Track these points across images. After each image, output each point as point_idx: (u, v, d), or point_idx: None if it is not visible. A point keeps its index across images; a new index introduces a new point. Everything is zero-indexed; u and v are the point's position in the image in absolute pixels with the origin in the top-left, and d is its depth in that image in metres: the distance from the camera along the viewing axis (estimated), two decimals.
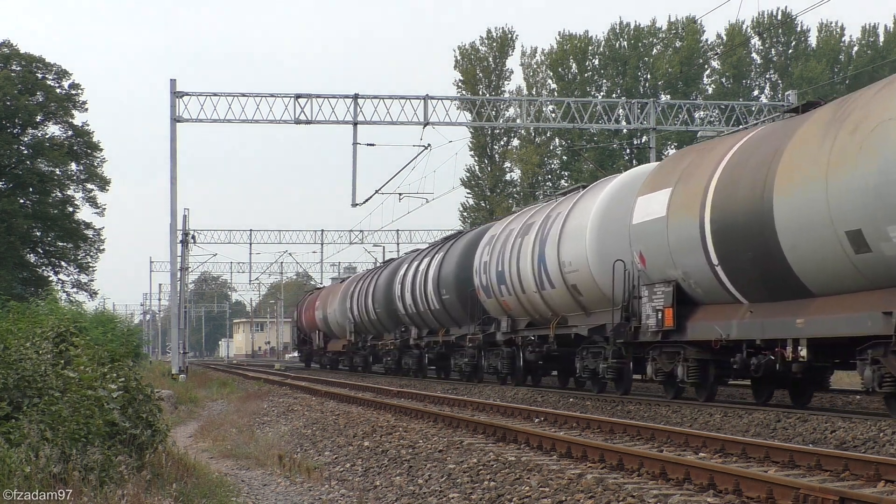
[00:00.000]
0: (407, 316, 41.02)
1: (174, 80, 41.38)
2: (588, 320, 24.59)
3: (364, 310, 49.09)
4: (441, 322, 37.06)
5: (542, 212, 27.94)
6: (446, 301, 35.40)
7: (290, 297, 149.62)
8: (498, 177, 79.74)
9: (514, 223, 29.96)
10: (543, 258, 26.00)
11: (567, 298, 25.23)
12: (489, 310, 31.22)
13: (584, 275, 24.00)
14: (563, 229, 25.04)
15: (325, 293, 62.94)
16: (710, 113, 46.11)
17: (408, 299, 40.20)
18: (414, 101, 41.66)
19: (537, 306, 27.30)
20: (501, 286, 29.25)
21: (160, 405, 12.52)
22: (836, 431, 14.81)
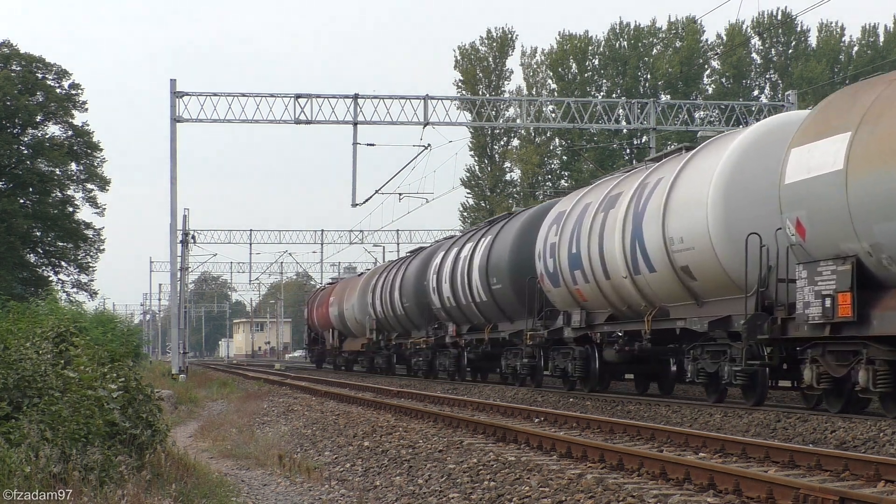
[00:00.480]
0: (443, 311, 36.14)
1: (174, 80, 41.41)
2: (701, 311, 19.86)
3: (388, 304, 44.41)
4: (488, 317, 32.16)
5: (630, 180, 23.25)
6: (497, 292, 30.42)
7: (289, 297, 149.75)
8: (498, 177, 79.76)
9: (589, 196, 25.19)
10: (640, 236, 21.27)
11: (672, 284, 20.49)
12: (555, 301, 26.49)
13: (702, 253, 19.19)
14: (670, 198, 20.26)
15: (341, 287, 57.96)
16: (710, 113, 46.12)
17: (445, 291, 35.23)
18: (414, 101, 41.69)
19: (626, 295, 22.55)
20: (575, 272, 24.55)
21: (160, 405, 12.53)
22: (836, 431, 14.81)
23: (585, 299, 24.65)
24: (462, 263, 33.53)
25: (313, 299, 68.62)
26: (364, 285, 50.75)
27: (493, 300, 30.86)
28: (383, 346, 47.11)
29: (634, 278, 21.84)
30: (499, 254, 30.42)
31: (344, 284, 58.41)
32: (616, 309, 23.51)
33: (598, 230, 23.40)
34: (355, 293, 52.03)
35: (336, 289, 59.49)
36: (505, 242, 30.23)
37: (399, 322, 43.56)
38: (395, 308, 43.28)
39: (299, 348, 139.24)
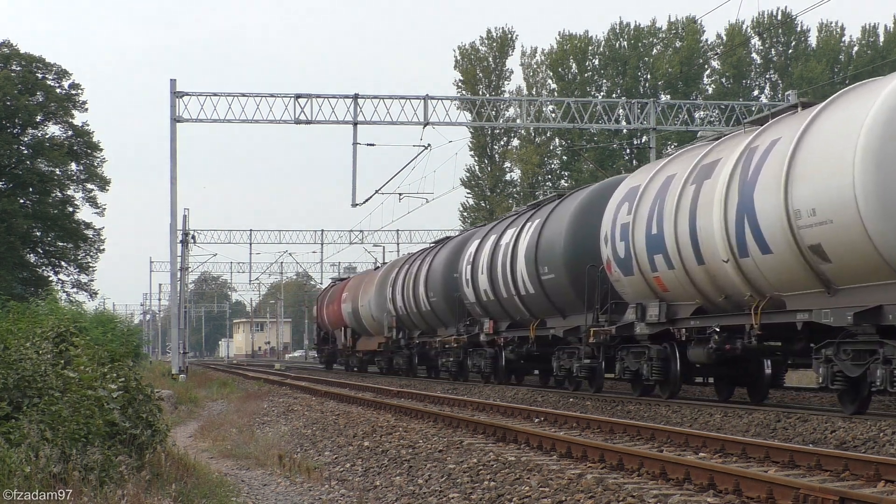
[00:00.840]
0: (478, 305, 31.99)
1: (174, 80, 41.42)
2: (835, 301, 16.40)
3: (411, 299, 40.23)
4: (534, 312, 27.97)
5: (728, 145, 19.65)
6: (548, 283, 26.37)
7: (289, 297, 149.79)
8: (498, 177, 79.79)
9: (672, 167, 21.33)
10: (749, 210, 17.70)
11: (795, 267, 16.88)
12: (624, 292, 22.72)
13: (844, 228, 15.62)
14: (794, 162, 16.63)
15: (355, 283, 53.77)
16: (710, 113, 46.12)
17: (481, 284, 31.15)
18: (414, 101, 41.70)
19: (725, 283, 18.89)
20: (655, 257, 20.83)
21: (160, 405, 12.53)
22: (836, 431, 14.81)
23: (666, 289, 20.77)
24: (503, 252, 29.26)
25: (323, 296, 64.00)
26: (382, 279, 46.65)
27: (543, 292, 26.73)
28: (404, 346, 43.27)
29: (739, 262, 18.11)
30: (551, 239, 26.36)
31: (359, 279, 54.05)
32: (707, 300, 19.77)
33: (689, 206, 19.53)
34: (372, 288, 47.94)
35: (349, 284, 55.30)
36: (558, 226, 26.15)
37: (423, 319, 39.54)
38: (419, 303, 39.29)
39: (299, 348, 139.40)
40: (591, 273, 23.97)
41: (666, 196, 20.45)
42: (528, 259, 27.30)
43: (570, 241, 25.38)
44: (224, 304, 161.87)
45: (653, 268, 21.00)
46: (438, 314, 37.56)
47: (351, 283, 55.31)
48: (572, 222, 25.50)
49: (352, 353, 54.72)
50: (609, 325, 23.22)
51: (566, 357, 26.24)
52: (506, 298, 29.30)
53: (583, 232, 25.00)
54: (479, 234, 33.45)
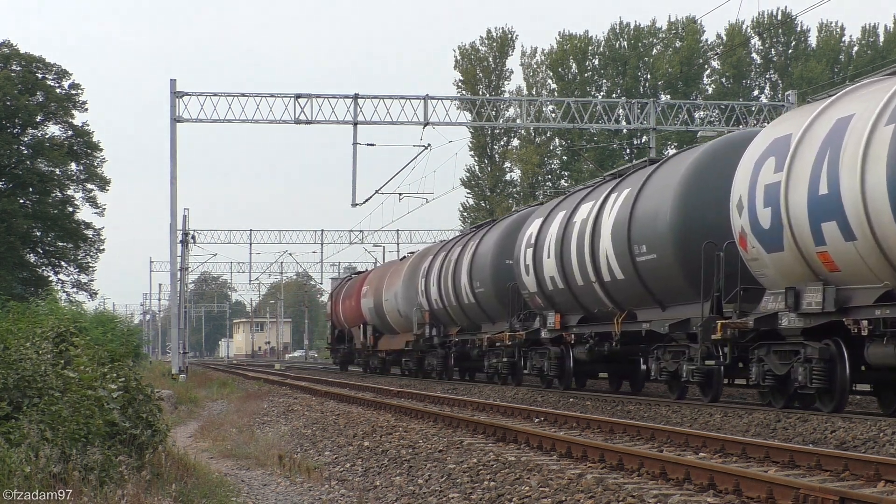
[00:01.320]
0: (541, 296, 26.93)
1: (174, 80, 41.41)
2: None
3: (451, 291, 35.19)
4: (621, 302, 22.99)
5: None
6: (646, 266, 21.31)
7: (289, 297, 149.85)
8: (498, 177, 79.81)
9: (847, 105, 16.47)
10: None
11: None
12: (763, 273, 17.91)
13: None
14: None
15: (377, 275, 48.85)
16: (710, 113, 46.12)
17: (546, 270, 26.21)
18: (414, 101, 41.69)
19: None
20: (824, 225, 16.05)
21: (160, 405, 12.52)
22: (836, 431, 14.81)
23: (836, 268, 16.19)
24: (578, 230, 24.38)
25: (339, 291, 58.62)
26: (412, 270, 41.96)
27: (637, 277, 21.70)
28: (437, 344, 38.45)
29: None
30: (651, 211, 21.18)
31: (382, 271, 49.41)
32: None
33: (887, 151, 14.85)
34: (399, 280, 43.12)
35: (370, 277, 50.44)
36: (662, 194, 21.01)
37: (464, 313, 34.66)
38: (460, 295, 34.37)
39: (299, 348, 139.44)
40: (708, 251, 18.99)
41: (843, 143, 15.77)
42: (617, 237, 22.29)
43: (679, 212, 20.25)
44: (224, 304, 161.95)
45: (818, 240, 16.31)
46: (485, 307, 32.61)
47: (372, 275, 50.50)
48: (683, 188, 20.32)
49: (372, 353, 49.92)
50: (741, 317, 18.35)
51: (669, 357, 21.11)
52: (580, 287, 24.38)
53: (697, 200, 20.15)
54: (541, 212, 28.20)
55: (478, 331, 33.92)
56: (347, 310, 54.23)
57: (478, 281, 32.52)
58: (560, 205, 26.97)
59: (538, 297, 27.22)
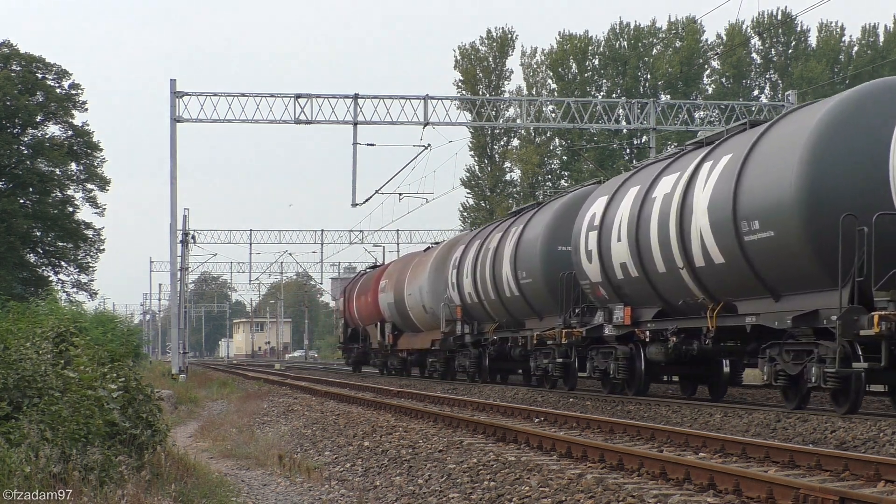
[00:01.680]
0: (606, 286, 23.42)
1: (174, 80, 41.42)
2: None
3: (489, 283, 30.91)
4: (716, 292, 19.45)
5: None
6: (754, 245, 17.62)
7: (289, 297, 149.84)
8: (498, 177, 79.82)
9: None
10: None
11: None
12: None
13: None
14: None
15: (398, 268, 44.55)
16: (710, 113, 46.12)
17: (615, 255, 22.73)
18: (414, 101, 41.69)
19: None
20: None
21: (160, 405, 12.53)
22: (836, 431, 14.81)
23: None
24: (660, 206, 20.86)
25: (352, 287, 54.55)
26: (440, 261, 38.05)
27: (745, 260, 17.97)
28: (470, 343, 34.17)
29: None
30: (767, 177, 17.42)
31: (402, 264, 44.90)
32: None
33: None
34: (424, 273, 39.08)
35: (389, 270, 46.11)
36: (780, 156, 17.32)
37: (505, 308, 30.30)
38: (501, 287, 29.98)
39: (299, 348, 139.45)
40: (847, 225, 15.67)
41: None
42: (717, 213, 18.59)
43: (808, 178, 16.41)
44: (224, 304, 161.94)
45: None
46: (531, 300, 28.27)
47: (391, 268, 46.11)
48: (812, 149, 16.48)
49: (391, 353, 45.74)
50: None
51: (789, 358, 17.45)
52: (662, 274, 20.90)
53: (832, 163, 16.36)
54: (605, 189, 24.71)
55: (520, 328, 29.74)
56: (363, 306, 50.20)
57: (523, 271, 28.31)
58: (630, 179, 23.46)
59: (603, 287, 23.60)
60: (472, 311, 33.51)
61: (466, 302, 33.60)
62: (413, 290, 40.53)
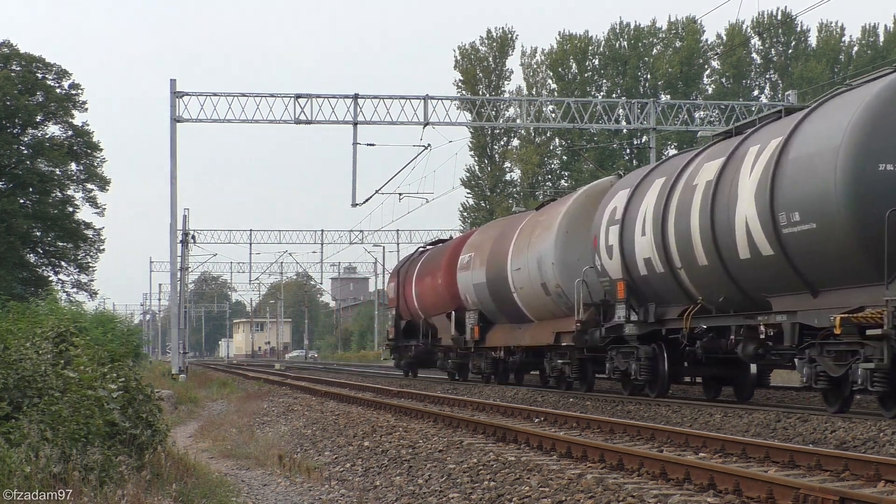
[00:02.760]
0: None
1: (174, 80, 41.41)
2: None
3: (697, 239, 19.25)
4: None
5: None
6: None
7: (290, 297, 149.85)
8: (498, 177, 79.82)
9: None
10: None
11: None
12: None
13: None
14: None
15: (492, 235, 32.47)
16: (710, 113, 46.11)
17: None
18: (414, 101, 41.69)
19: None
20: None
21: (160, 405, 12.53)
22: (836, 431, 14.80)
23: None
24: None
25: (409, 268, 42.13)
26: (577, 217, 26.08)
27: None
28: (637, 335, 22.35)
29: None
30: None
31: (499, 228, 32.67)
32: None
33: None
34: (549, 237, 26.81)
35: (475, 240, 34.19)
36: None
37: (733, 277, 18.57)
38: (728, 244, 18.25)
39: (299, 348, 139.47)
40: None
41: None
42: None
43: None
44: (224, 304, 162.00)
45: None
46: (808, 260, 16.57)
47: (479, 237, 34.36)
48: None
49: (475, 352, 33.75)
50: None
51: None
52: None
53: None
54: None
55: (757, 309, 18.35)
56: (427, 292, 38.61)
57: (795, 211, 16.50)
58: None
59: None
60: (648, 286, 21.82)
61: (637, 274, 22.01)
62: (525, 262, 28.12)
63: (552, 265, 26.41)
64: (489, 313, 32.43)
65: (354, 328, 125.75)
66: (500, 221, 35.95)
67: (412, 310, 41.14)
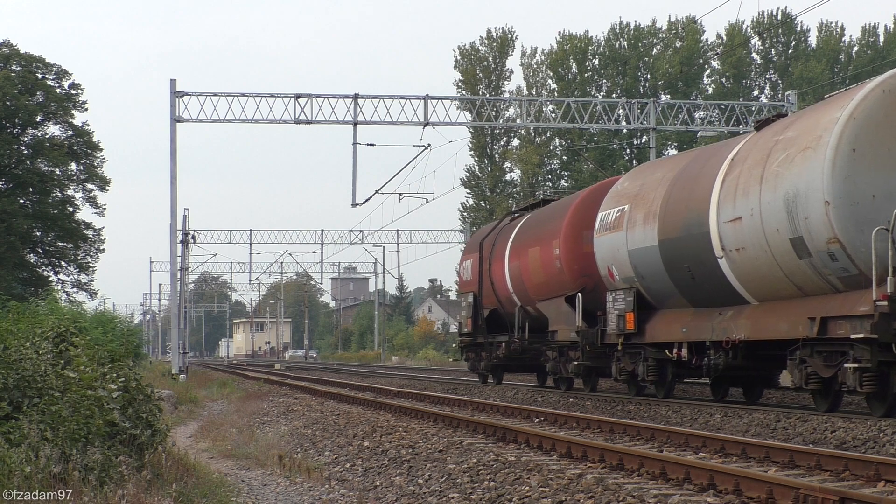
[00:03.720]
0: None
1: (174, 80, 41.40)
2: None
3: None
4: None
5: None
6: None
7: (290, 297, 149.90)
8: (498, 177, 79.82)
9: None
10: None
11: None
12: None
13: None
14: None
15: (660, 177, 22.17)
16: (710, 113, 46.10)
17: None
18: (414, 101, 41.67)
19: None
20: None
21: (160, 405, 12.52)
22: (836, 431, 14.81)
23: None
24: None
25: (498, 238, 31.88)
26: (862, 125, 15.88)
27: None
28: None
29: None
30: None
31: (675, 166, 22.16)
32: None
33: None
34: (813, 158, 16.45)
35: (624, 189, 23.73)
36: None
37: None
38: None
39: (299, 348, 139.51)
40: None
41: None
42: None
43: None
44: (224, 304, 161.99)
45: None
46: None
47: (631, 183, 23.65)
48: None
49: (626, 350, 23.00)
50: None
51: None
52: None
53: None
54: None
55: None
56: (530, 269, 28.48)
57: None
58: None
59: None
60: None
61: None
62: (753, 206, 18.01)
63: (825, 206, 16.11)
64: (654, 292, 22.06)
65: (354, 328, 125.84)
66: (673, 158, 25.59)
67: (502, 294, 31.13)
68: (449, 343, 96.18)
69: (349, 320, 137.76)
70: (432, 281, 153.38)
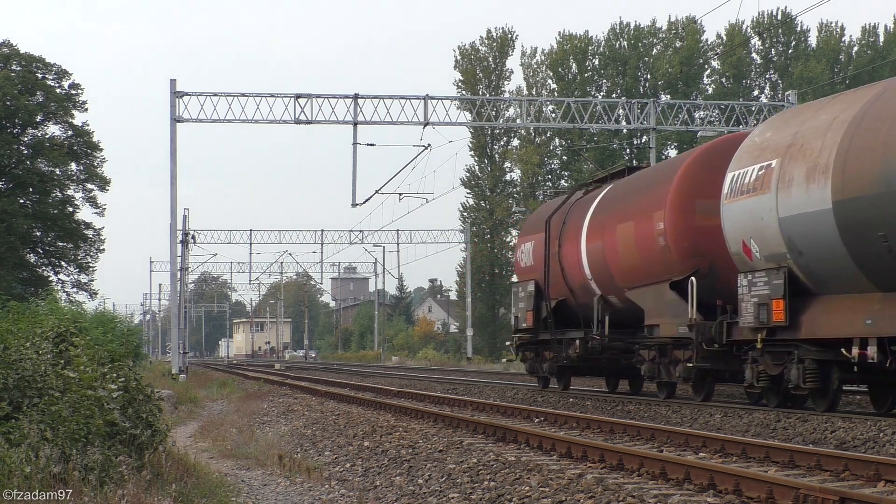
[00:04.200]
0: None
1: (174, 80, 41.40)
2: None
3: None
4: None
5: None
6: None
7: (289, 297, 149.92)
8: (498, 177, 79.82)
9: None
10: None
11: None
12: None
13: None
14: None
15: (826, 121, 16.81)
16: (710, 113, 46.10)
17: None
18: (414, 101, 41.67)
19: None
20: None
21: (160, 405, 12.52)
22: (836, 431, 14.81)
23: None
24: None
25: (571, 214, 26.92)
26: None
27: None
28: None
29: None
30: None
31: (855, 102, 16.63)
32: None
33: None
34: None
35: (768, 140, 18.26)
36: None
37: None
38: None
39: (299, 348, 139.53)
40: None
41: None
42: None
43: None
44: (224, 304, 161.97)
45: None
46: None
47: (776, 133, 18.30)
48: None
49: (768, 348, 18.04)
50: None
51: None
52: None
53: None
54: None
55: None
56: (618, 249, 23.70)
57: None
58: None
59: None
60: None
61: None
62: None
63: None
64: (817, 273, 17.14)
65: (354, 328, 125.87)
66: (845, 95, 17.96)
67: (575, 282, 26.12)
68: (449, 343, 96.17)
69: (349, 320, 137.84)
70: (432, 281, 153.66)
